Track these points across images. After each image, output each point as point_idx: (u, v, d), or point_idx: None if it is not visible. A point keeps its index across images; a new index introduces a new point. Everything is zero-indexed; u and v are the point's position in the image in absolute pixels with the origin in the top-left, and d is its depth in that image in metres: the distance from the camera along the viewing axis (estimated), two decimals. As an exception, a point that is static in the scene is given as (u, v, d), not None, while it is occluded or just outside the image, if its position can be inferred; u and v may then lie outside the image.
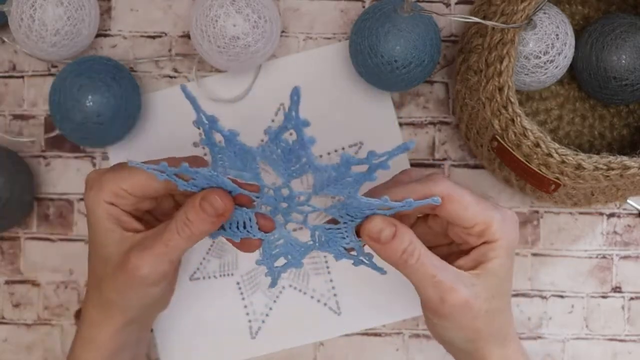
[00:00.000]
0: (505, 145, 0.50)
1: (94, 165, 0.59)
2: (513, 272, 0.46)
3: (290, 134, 0.37)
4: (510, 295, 0.46)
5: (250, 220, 0.43)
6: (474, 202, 0.43)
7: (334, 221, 0.43)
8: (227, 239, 0.45)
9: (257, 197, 0.42)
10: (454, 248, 0.46)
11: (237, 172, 0.41)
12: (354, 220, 0.42)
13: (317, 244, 0.44)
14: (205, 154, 0.58)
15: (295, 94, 0.36)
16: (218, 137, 0.40)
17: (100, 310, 0.46)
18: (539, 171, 0.49)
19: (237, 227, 0.44)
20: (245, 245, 0.45)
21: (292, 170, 0.39)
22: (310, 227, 0.44)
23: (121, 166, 0.45)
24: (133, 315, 0.47)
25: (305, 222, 0.43)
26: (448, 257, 0.44)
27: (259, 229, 0.44)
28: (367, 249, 0.44)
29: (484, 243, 0.44)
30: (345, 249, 0.44)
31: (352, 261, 0.45)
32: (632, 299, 0.58)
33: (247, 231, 0.44)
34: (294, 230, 0.49)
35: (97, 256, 0.45)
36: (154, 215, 0.48)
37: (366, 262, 0.44)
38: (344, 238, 0.43)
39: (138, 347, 0.51)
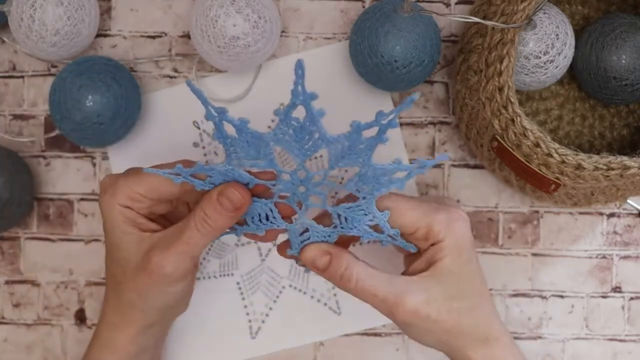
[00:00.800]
0: (505, 145, 0.50)
1: (94, 165, 0.59)
2: (482, 270, 0.46)
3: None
4: (483, 293, 0.46)
5: (272, 211, 0.44)
6: (413, 207, 0.44)
7: (353, 198, 0.44)
8: (249, 235, 0.45)
9: (274, 185, 0.42)
10: (415, 254, 0.47)
11: (252, 161, 0.41)
12: (372, 194, 0.42)
13: (341, 225, 0.44)
14: (205, 154, 0.58)
15: (300, 68, 0.36)
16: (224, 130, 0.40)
17: (120, 313, 0.46)
18: (539, 171, 0.49)
19: (260, 220, 0.44)
20: (269, 236, 0.45)
21: (306, 149, 0.40)
22: (331, 209, 0.44)
23: (135, 170, 0.45)
24: (154, 318, 0.47)
25: (324, 204, 0.43)
26: (410, 262, 0.46)
27: (282, 218, 0.44)
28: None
29: (431, 245, 0.45)
30: (370, 227, 0.44)
31: (381, 241, 0.45)
32: (632, 299, 0.58)
33: (271, 222, 0.44)
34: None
35: (115, 259, 0.45)
36: (169, 219, 0.48)
37: (395, 239, 0.45)
38: (366, 215, 0.43)
39: (156, 350, 0.51)
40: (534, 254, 0.58)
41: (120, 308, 0.46)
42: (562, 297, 0.58)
